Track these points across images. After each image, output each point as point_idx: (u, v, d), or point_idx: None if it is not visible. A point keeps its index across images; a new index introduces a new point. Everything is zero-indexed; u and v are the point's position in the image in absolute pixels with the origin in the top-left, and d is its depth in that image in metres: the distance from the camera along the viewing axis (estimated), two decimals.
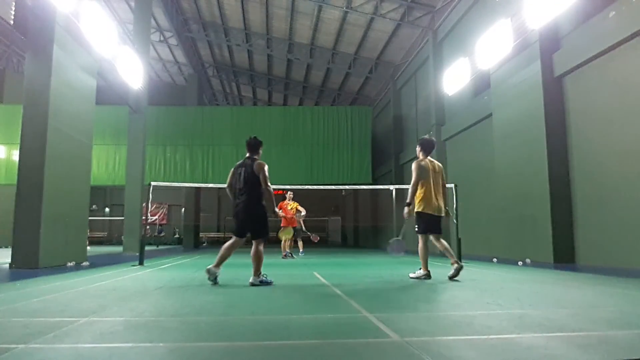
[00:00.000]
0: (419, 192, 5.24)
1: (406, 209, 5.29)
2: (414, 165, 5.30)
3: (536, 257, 8.83)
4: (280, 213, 11.34)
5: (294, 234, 11.37)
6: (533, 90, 9.24)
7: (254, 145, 4.96)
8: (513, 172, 10.06)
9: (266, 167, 4.80)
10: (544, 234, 8.78)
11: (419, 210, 5.26)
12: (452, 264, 5.19)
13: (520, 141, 9.77)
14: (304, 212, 11.38)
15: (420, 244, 5.35)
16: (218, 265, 4.82)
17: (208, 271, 4.76)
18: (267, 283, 4.74)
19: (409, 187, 5.31)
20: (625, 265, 7.14)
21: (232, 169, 4.96)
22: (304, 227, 11.80)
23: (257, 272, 4.75)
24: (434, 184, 5.25)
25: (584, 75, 8.40)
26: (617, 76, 7.60)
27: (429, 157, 5.45)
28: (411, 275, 5.47)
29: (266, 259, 10.38)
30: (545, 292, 4.15)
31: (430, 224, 5.26)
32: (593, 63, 8.11)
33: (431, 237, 5.35)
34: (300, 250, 12.04)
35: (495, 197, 11.08)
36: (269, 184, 4.79)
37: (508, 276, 5.87)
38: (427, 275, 5.30)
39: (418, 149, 5.48)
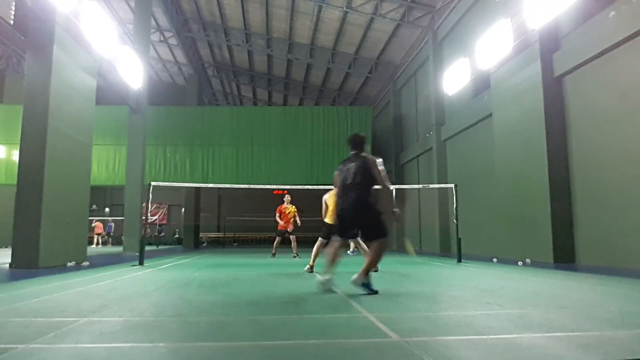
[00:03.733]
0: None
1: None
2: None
3: (536, 257, 8.83)
4: (277, 218, 11.40)
5: (287, 235, 11.39)
6: (533, 90, 9.24)
7: (360, 142, 4.43)
8: (513, 172, 10.06)
9: (380, 160, 4.33)
10: (544, 234, 8.78)
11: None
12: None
13: (520, 141, 9.77)
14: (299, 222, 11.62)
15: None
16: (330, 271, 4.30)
17: (322, 284, 4.21)
18: (370, 289, 4.03)
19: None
20: (625, 265, 7.14)
21: (337, 172, 4.42)
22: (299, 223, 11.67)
23: (368, 270, 4.09)
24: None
25: (584, 75, 8.40)
26: (617, 76, 7.60)
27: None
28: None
29: (270, 259, 10.32)
30: (545, 292, 4.15)
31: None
32: (593, 63, 8.11)
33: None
34: (294, 252, 11.57)
35: (495, 197, 11.08)
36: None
37: (508, 276, 5.87)
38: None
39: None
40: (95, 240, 21.98)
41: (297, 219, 11.58)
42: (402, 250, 16.61)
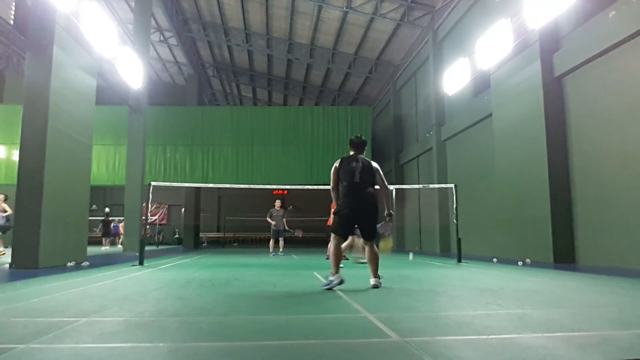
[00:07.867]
0: None
1: None
2: None
3: (536, 257, 8.83)
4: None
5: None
6: (533, 90, 9.24)
7: (362, 145, 4.78)
8: (513, 172, 10.06)
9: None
10: (544, 234, 8.78)
11: None
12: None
13: (520, 141, 9.76)
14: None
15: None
16: (337, 270, 4.43)
17: (331, 282, 4.34)
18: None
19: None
20: (625, 265, 7.14)
21: (337, 165, 4.59)
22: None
23: (377, 274, 4.49)
24: None
25: (584, 75, 8.40)
26: (617, 76, 7.60)
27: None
28: None
29: (271, 259, 10.35)
30: (545, 292, 4.15)
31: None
32: (593, 63, 8.11)
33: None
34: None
35: (495, 197, 11.08)
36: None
37: (508, 276, 5.87)
38: None
39: None
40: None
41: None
42: (404, 251, 16.60)
